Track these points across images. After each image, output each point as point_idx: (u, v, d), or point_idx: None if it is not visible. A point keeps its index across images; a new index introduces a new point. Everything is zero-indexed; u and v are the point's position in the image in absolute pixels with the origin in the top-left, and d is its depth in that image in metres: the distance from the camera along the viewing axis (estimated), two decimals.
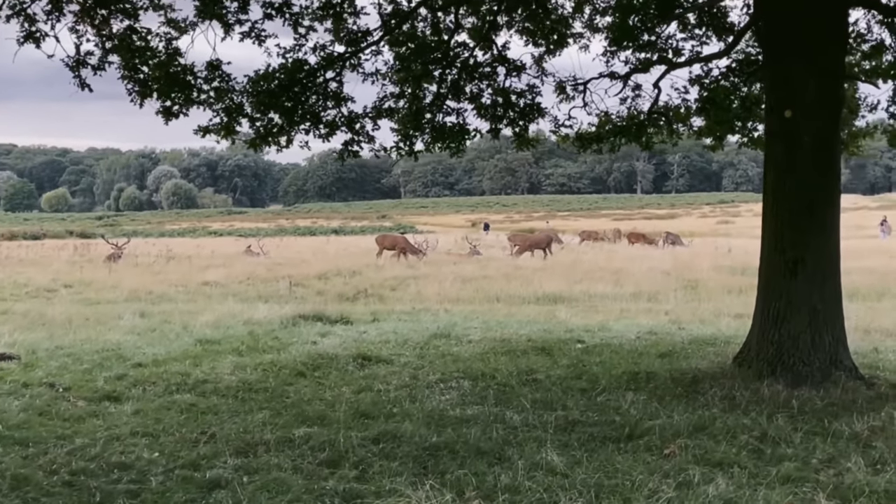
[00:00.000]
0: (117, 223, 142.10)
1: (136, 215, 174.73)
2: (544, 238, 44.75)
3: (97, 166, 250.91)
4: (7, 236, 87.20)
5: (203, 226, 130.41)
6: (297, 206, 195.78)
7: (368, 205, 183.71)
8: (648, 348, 13.16)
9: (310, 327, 16.29)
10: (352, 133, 13.81)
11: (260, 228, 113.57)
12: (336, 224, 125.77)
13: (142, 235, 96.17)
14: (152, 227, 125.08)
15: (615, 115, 14.97)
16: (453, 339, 14.49)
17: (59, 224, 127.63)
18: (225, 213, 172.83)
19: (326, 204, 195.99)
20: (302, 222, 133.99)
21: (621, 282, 26.17)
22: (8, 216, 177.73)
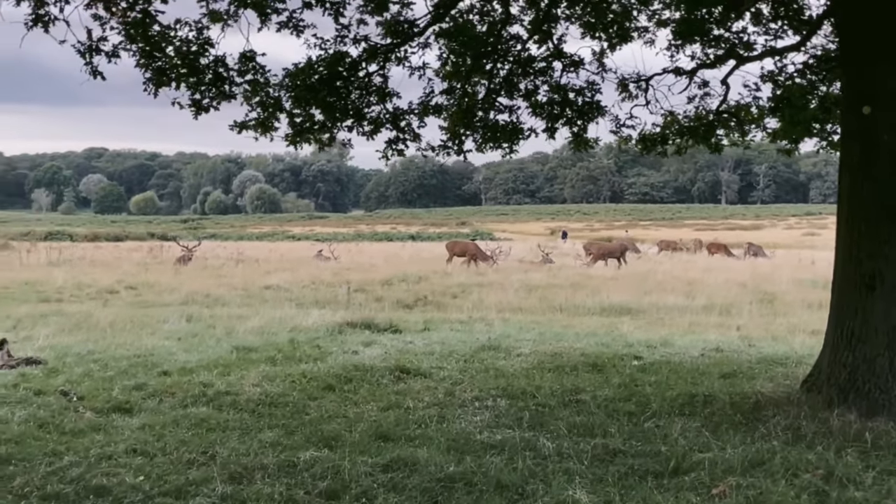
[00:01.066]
0: (201, 226, 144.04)
1: (220, 219, 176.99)
2: (618, 247, 43.51)
3: (185, 170, 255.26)
4: (90, 238, 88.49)
5: (284, 230, 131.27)
6: (377, 212, 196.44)
7: (449, 211, 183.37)
8: (711, 367, 12.07)
9: (355, 336, 15.51)
10: (396, 131, 13.01)
11: (339, 233, 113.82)
12: (415, 230, 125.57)
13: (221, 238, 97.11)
14: (234, 231, 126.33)
15: (681, 115, 13.94)
16: (502, 351, 13.57)
17: (144, 226, 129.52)
18: (306, 218, 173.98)
19: (407, 210, 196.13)
20: (381, 228, 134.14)
21: (694, 293, 24.94)
22: (97, 218, 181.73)
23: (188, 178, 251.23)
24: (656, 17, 13.24)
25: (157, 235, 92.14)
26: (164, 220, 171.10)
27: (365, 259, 47.93)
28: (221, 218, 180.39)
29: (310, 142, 12.84)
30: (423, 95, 12.84)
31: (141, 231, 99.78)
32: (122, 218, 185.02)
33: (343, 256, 50.08)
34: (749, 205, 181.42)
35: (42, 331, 15.90)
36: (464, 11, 12.74)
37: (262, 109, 11.99)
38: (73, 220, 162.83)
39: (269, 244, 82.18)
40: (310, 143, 12.86)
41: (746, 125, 13.73)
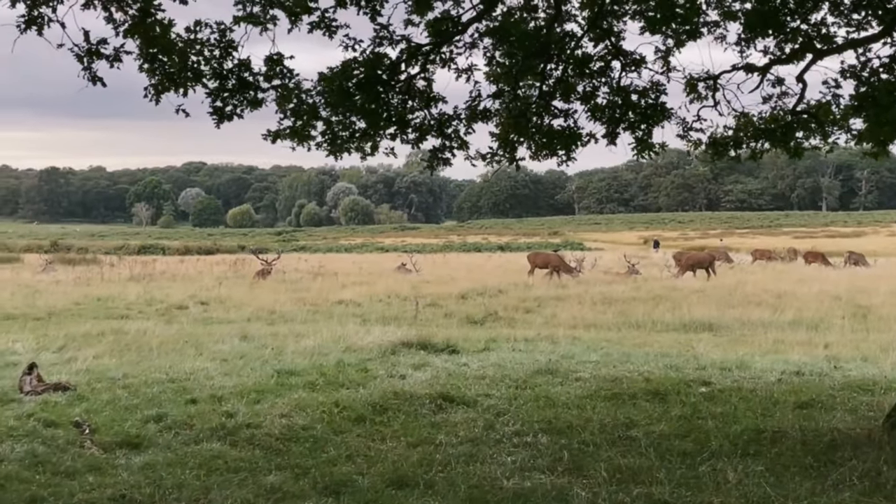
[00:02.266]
0: (294, 238, 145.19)
1: (313, 230, 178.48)
2: (706, 257, 41.80)
3: (280, 183, 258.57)
4: (182, 251, 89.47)
5: (376, 241, 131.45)
6: (470, 223, 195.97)
7: (541, 221, 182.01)
8: (786, 395, 10.85)
9: (409, 357, 14.62)
10: (442, 138, 12.10)
11: (427, 244, 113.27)
12: (506, 240, 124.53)
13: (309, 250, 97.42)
14: (327, 243, 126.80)
15: (756, 116, 12.73)
16: (559, 376, 12.53)
17: (239, 239, 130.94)
18: (398, 229, 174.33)
19: (499, 220, 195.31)
20: (473, 238, 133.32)
21: (782, 307, 23.48)
22: (194, 231, 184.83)
23: (283, 190, 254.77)
24: (724, 7, 12.10)
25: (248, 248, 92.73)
26: (259, 232, 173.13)
27: (447, 271, 47.09)
28: (315, 230, 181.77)
29: (349, 151, 12.01)
30: (469, 99, 11.90)
31: (232, 244, 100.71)
32: (218, 231, 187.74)
33: (426, 268, 49.32)
34: (851, 211, 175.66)
35: (88, 352, 15.39)
36: (512, 8, 11.78)
37: (293, 117, 11.19)
38: (170, 234, 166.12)
39: (356, 256, 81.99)
40: (349, 152, 12.03)
41: (828, 126, 12.45)
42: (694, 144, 12.95)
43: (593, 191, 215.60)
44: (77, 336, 18.13)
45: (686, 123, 12.66)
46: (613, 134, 12.43)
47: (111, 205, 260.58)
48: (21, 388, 11.82)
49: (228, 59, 10.39)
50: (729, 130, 12.85)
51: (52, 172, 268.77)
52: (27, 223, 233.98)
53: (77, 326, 20.46)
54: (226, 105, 10.41)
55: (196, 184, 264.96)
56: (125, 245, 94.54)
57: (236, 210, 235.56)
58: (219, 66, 10.34)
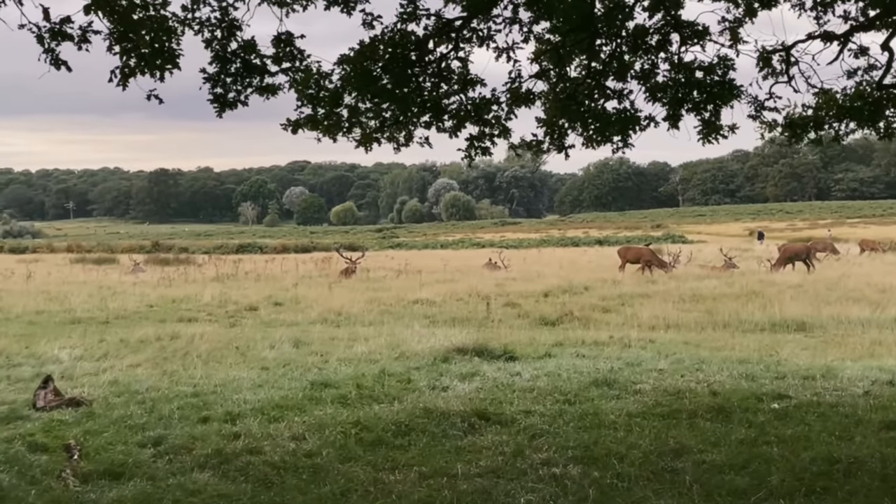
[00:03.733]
0: (394, 235, 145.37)
1: (414, 227, 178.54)
2: (803, 248, 39.64)
3: (381, 180, 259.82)
4: (280, 249, 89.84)
5: (475, 237, 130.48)
6: (571, 216, 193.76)
7: (644, 214, 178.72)
8: (873, 412, 9.38)
9: (460, 365, 13.47)
10: (481, 125, 10.94)
11: (527, 239, 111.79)
12: (607, 233, 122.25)
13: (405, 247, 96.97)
14: (426, 239, 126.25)
15: (839, 93, 11.24)
16: (617, 388, 11.22)
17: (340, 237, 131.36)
18: (499, 224, 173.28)
19: (601, 213, 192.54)
20: (573, 232, 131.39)
21: (885, 304, 21.60)
22: (297, 229, 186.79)
23: (385, 187, 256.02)
24: None
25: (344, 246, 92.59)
26: (360, 229, 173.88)
27: (537, 267, 45.73)
28: (415, 226, 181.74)
29: (379, 142, 10.93)
30: (508, 80, 10.70)
31: (329, 242, 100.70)
32: (321, 229, 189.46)
33: (516, 265, 48.12)
34: None
35: (129, 360, 14.69)
36: None
37: (313, 104, 10.15)
38: (274, 232, 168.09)
39: (449, 252, 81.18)
40: (379, 143, 10.95)
41: None
42: (768, 126, 11.54)
43: (698, 182, 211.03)
44: (130, 342, 17.47)
45: (758, 102, 11.29)
46: (676, 116, 11.13)
47: (218, 204, 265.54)
48: (35, 402, 11.06)
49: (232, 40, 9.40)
50: (808, 110, 11.41)
51: (162, 174, 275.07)
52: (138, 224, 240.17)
53: (137, 331, 19.81)
54: (228, 91, 9.41)
55: (300, 182, 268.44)
56: (224, 244, 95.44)
57: (339, 208, 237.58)
58: (221, 47, 9.35)
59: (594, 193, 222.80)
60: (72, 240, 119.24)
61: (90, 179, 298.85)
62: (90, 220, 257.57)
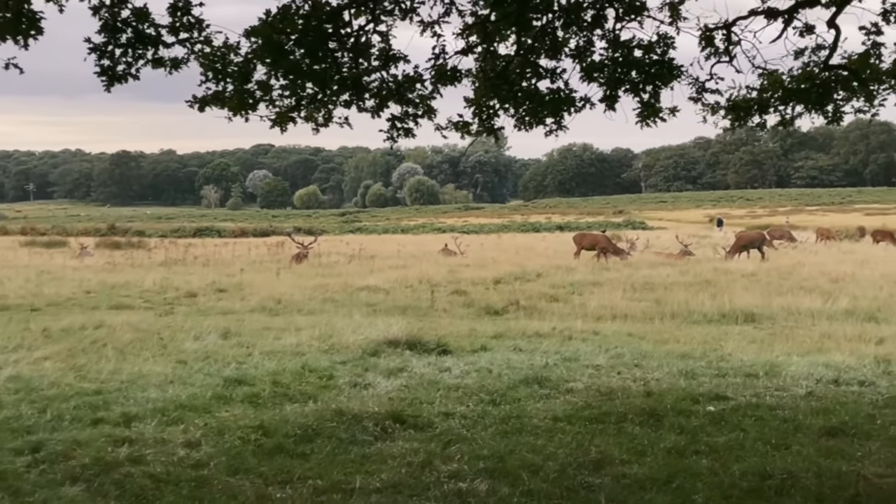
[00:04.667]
0: (356, 219, 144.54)
1: (377, 211, 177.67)
2: (757, 236, 39.33)
3: (346, 164, 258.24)
4: (238, 233, 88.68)
5: (438, 221, 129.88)
6: (535, 202, 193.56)
7: (606, 200, 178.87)
8: (814, 417, 8.74)
9: (389, 359, 12.76)
10: (404, 105, 10.20)
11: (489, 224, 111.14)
12: (570, 219, 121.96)
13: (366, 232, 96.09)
14: (389, 223, 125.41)
15: (785, 74, 10.60)
16: (548, 386, 10.54)
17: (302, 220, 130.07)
18: (462, 209, 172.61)
19: (564, 199, 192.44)
20: (536, 218, 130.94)
21: (837, 294, 21.13)
22: (260, 213, 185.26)
23: (349, 171, 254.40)
24: None
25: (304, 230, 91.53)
26: (323, 213, 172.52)
27: (494, 253, 45.10)
28: (379, 210, 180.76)
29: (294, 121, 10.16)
30: (432, 56, 9.95)
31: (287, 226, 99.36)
32: (284, 212, 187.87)
33: (473, 250, 47.48)
34: None
35: (39, 353, 13.79)
36: None
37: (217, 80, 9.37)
38: (237, 216, 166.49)
39: (409, 237, 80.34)
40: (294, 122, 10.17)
41: (871, 84, 10.29)
42: (711, 109, 10.89)
43: (660, 168, 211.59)
44: (53, 331, 16.59)
45: (699, 84, 10.65)
46: (613, 97, 10.44)
47: (181, 187, 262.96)
48: None
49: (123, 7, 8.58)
50: (752, 92, 10.77)
51: (124, 156, 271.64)
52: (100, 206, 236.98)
53: (64, 319, 18.93)
54: (116, 64, 8.59)
55: (264, 166, 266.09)
56: (181, 228, 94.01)
57: (303, 191, 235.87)
58: (111, 15, 8.53)
59: (558, 179, 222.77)
60: (28, 222, 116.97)
61: (51, 161, 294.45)
62: (51, 203, 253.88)
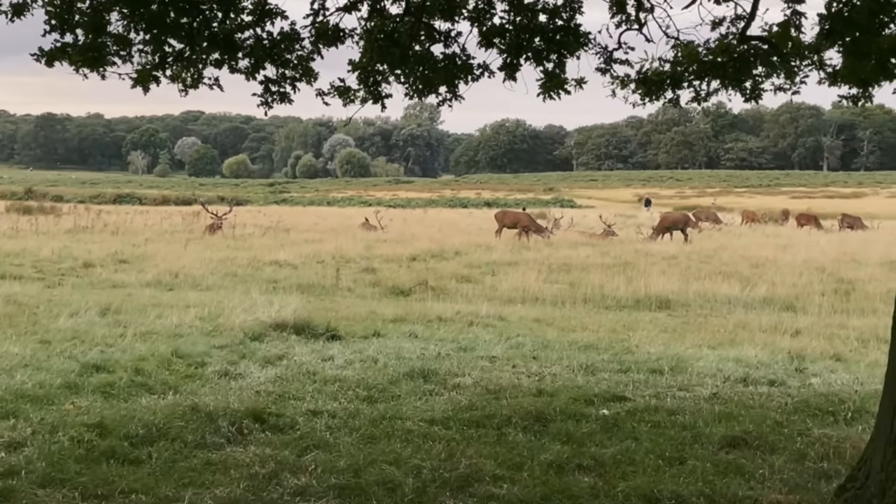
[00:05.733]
0: (286, 190, 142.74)
1: (307, 182, 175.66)
2: (681, 218, 38.91)
3: (277, 134, 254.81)
4: (160, 201, 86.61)
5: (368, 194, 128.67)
6: (466, 177, 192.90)
7: (537, 177, 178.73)
8: (717, 422, 7.93)
9: (272, 345, 11.79)
10: (279, 67, 9.17)
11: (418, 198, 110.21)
12: (500, 195, 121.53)
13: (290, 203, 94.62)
14: (318, 195, 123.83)
15: (700, 46, 9.75)
16: (434, 381, 9.64)
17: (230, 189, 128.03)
18: (392, 182, 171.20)
19: (495, 175, 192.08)
20: (466, 193, 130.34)
21: (756, 280, 20.57)
22: (186, 180, 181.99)
23: (280, 141, 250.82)
24: None
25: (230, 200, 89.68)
26: (251, 183, 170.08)
27: (417, 229, 44.10)
28: (309, 182, 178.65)
29: (157, 81, 9.06)
30: (311, 12, 8.92)
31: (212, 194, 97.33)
32: (212, 181, 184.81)
33: (395, 225, 46.45)
34: (852, 171, 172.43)
35: None
36: None
37: (63, 29, 8.25)
38: (163, 183, 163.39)
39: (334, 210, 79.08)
40: (158, 82, 9.07)
41: (793, 60, 9.49)
42: (620, 82, 10.01)
43: (592, 147, 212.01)
44: None
45: (608, 53, 9.76)
46: (513, 66, 9.52)
47: (108, 152, 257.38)
48: None
49: None
50: (665, 64, 9.91)
51: (49, 118, 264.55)
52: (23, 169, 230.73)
53: None
54: None
55: (193, 133, 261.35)
56: (101, 194, 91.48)
57: (232, 160, 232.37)
58: None
59: (490, 155, 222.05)
60: None
61: None
62: None
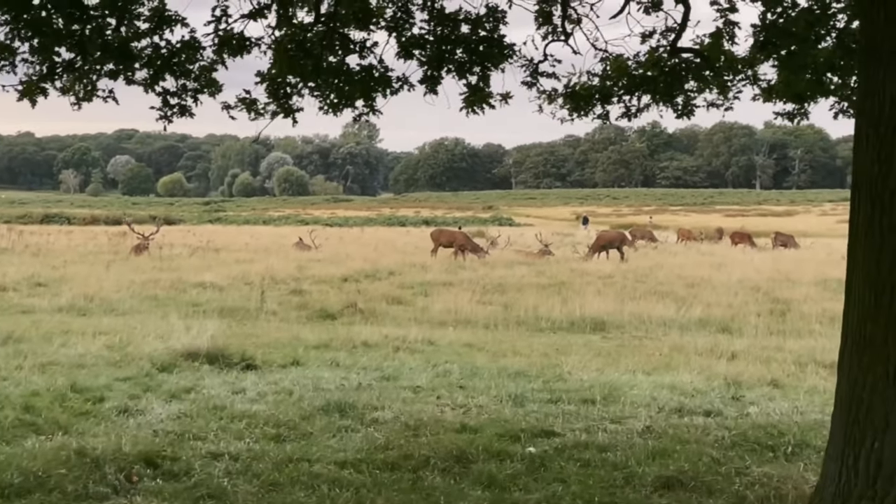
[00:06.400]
0: (222, 208, 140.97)
1: (243, 201, 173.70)
2: (617, 236, 38.66)
3: (213, 152, 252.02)
4: (89, 220, 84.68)
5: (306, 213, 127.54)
6: (405, 195, 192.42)
7: (476, 195, 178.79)
8: (650, 460, 7.36)
9: (179, 377, 11.02)
10: (178, 78, 8.51)
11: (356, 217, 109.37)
12: (439, 214, 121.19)
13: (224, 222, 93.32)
14: (255, 214, 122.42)
15: (630, 59, 9.28)
16: (351, 416, 8.96)
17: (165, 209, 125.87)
18: (331, 201, 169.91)
19: (435, 193, 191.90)
20: (405, 212, 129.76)
21: (692, 300, 20.21)
22: (119, 199, 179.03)
23: (217, 160, 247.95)
24: None
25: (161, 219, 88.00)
26: (187, 202, 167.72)
27: (352, 248, 43.27)
28: (245, 201, 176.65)
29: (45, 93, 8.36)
30: (213, 19, 8.28)
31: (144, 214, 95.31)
32: (145, 200, 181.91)
33: (331, 244, 45.66)
34: (784, 190, 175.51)
35: None
36: None
37: None
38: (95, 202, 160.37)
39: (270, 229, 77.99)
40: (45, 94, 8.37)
41: (725, 73, 9.04)
42: (547, 97, 9.50)
43: (530, 165, 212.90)
44: None
45: (533, 66, 9.25)
46: (435, 78, 8.96)
47: (39, 171, 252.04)
48: None
49: None
50: (594, 78, 9.42)
51: None
52: None
53: None
54: None
55: (127, 151, 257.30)
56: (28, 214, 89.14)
57: (167, 179, 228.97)
58: None
59: (429, 173, 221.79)
60: None
61: None
62: None
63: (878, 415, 4.60)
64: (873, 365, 4.67)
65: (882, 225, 4.53)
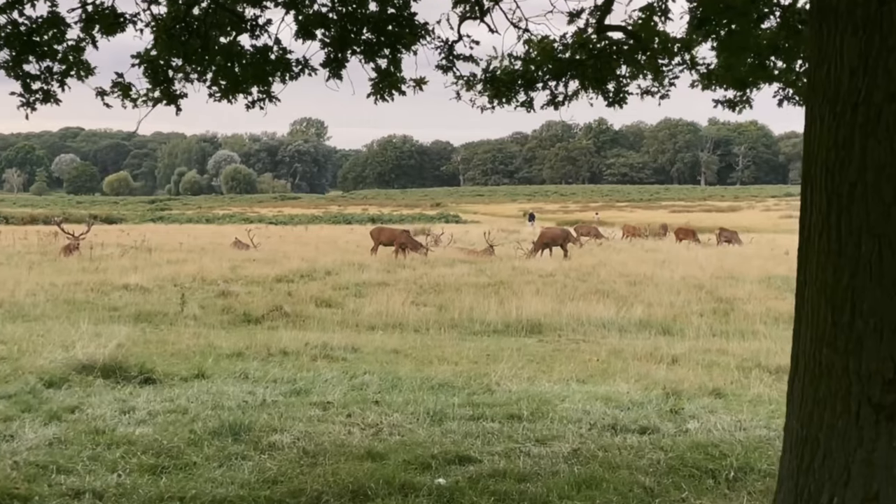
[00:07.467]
0: (167, 207, 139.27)
1: (190, 199, 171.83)
2: (560, 234, 37.98)
3: (160, 150, 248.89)
4: (27, 220, 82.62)
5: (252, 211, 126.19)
6: (353, 193, 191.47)
7: (425, 192, 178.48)
8: (573, 492, 6.46)
9: (68, 393, 9.98)
10: (44, 59, 7.50)
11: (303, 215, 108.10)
12: (387, 211, 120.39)
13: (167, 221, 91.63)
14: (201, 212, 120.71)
15: (557, 42, 8.41)
16: (246, 441, 7.97)
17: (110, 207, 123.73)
18: (278, 199, 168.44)
19: (383, 191, 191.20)
20: (353, 209, 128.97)
21: (633, 299, 19.49)
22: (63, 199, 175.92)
23: (163, 158, 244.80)
24: None
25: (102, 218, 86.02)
26: (132, 200, 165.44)
27: (291, 247, 42.16)
28: (192, 199, 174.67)
29: None
30: None
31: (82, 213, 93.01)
32: (90, 198, 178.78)
33: (271, 243, 44.58)
34: (728, 186, 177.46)
35: None
36: None
37: None
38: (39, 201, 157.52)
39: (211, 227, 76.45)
40: None
41: (660, 57, 8.20)
42: (466, 83, 8.60)
43: (478, 162, 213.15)
44: None
45: (451, 49, 8.34)
46: (339, 61, 8.01)
47: None
48: None
49: None
50: (516, 62, 8.53)
51: None
52: None
53: None
54: None
55: (72, 150, 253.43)
56: None
57: (113, 177, 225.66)
58: None
59: (377, 170, 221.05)
60: None
61: None
62: None
63: (836, 463, 3.71)
64: (831, 399, 3.76)
65: (840, 226, 3.65)
